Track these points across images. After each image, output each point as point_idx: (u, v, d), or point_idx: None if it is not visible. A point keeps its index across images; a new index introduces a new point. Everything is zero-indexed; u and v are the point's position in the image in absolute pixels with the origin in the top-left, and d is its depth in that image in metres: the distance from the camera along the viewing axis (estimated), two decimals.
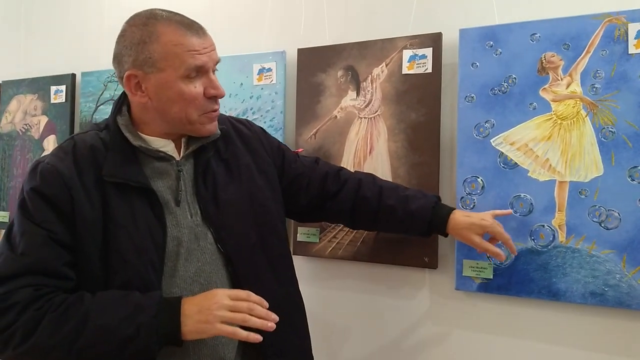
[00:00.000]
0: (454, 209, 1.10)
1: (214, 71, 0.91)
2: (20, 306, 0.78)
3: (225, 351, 0.89)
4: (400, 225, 1.11)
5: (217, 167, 0.96)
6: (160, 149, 0.91)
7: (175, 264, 0.88)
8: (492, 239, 1.09)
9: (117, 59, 0.89)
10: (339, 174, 1.16)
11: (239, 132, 1.05)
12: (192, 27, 0.88)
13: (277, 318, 0.84)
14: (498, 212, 1.13)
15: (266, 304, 0.84)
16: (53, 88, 1.94)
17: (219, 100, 0.94)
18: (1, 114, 2.07)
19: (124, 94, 0.94)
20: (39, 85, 1.98)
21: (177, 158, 0.93)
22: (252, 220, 0.96)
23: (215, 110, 0.92)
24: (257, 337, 0.82)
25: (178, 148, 0.94)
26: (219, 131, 0.97)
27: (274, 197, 1.04)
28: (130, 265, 0.84)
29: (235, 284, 0.92)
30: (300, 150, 1.42)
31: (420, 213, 1.08)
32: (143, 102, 0.88)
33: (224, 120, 1.05)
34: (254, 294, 0.84)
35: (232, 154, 0.99)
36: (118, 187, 0.86)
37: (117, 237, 0.84)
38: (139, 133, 0.91)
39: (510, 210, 1.15)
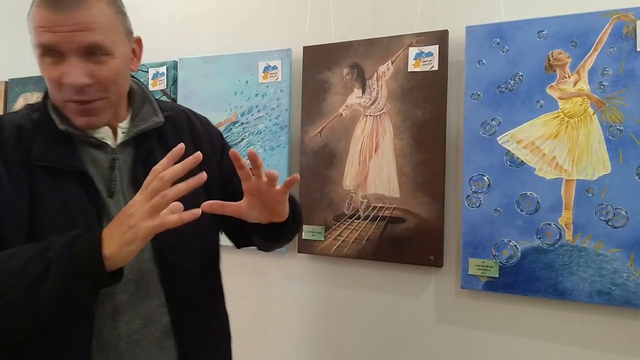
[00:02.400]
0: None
1: (81, 56, 0.75)
2: None
3: None
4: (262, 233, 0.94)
5: (160, 157, 0.79)
6: (92, 135, 0.81)
7: None
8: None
9: None
10: None
11: (192, 126, 0.95)
12: (53, 1, 0.74)
13: (202, 177, 0.71)
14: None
15: (179, 151, 0.71)
16: None
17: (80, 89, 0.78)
18: (8, 111, 2.09)
19: None
20: (45, 83, 1.99)
21: (112, 145, 0.83)
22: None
23: (77, 102, 0.77)
24: (195, 212, 0.70)
25: (114, 133, 0.84)
26: (162, 119, 0.87)
27: (212, 188, 0.91)
28: None
29: (167, 283, 0.82)
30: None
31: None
32: None
33: (180, 110, 0.95)
34: (162, 167, 0.70)
35: (176, 144, 0.86)
36: (48, 171, 0.77)
37: (46, 221, 0.75)
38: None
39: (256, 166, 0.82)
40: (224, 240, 0.99)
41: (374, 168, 1.35)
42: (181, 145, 0.71)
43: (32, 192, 0.75)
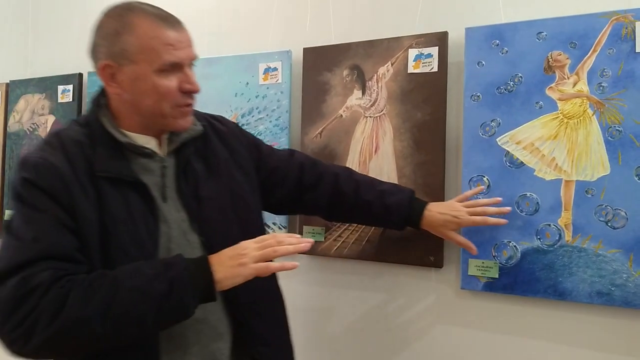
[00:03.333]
0: (428, 203, 1.13)
1: (190, 66, 0.90)
2: (42, 288, 0.73)
3: (218, 344, 0.91)
4: (376, 219, 1.15)
5: (197, 164, 0.96)
6: (145, 145, 0.91)
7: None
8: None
9: (93, 49, 0.89)
10: (315, 166, 1.17)
11: (216, 129, 1.04)
12: (169, 21, 0.86)
13: (309, 242, 0.87)
14: (468, 193, 1.18)
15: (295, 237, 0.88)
16: (60, 87, 1.96)
17: (195, 96, 0.93)
18: (9, 113, 2.09)
19: (102, 89, 0.92)
20: (46, 85, 2.00)
21: (161, 155, 0.93)
22: (233, 215, 0.97)
23: (189, 105, 0.91)
24: (294, 264, 0.86)
25: (160, 145, 0.94)
26: (201, 128, 0.97)
27: (252, 191, 1.05)
28: (132, 258, 0.83)
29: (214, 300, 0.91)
30: (275, 144, 1.41)
31: (397, 208, 1.11)
32: (117, 93, 0.88)
33: (202, 117, 1.03)
34: (283, 239, 0.87)
35: (210, 151, 0.99)
36: (111, 182, 0.85)
37: (116, 230, 0.83)
38: (121, 129, 0.90)
39: (481, 187, 1.18)
40: None
41: (374, 169, 1.35)
42: (307, 246, 0.88)
43: (100, 201, 0.83)
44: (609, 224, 1.09)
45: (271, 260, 0.86)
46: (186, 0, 1.76)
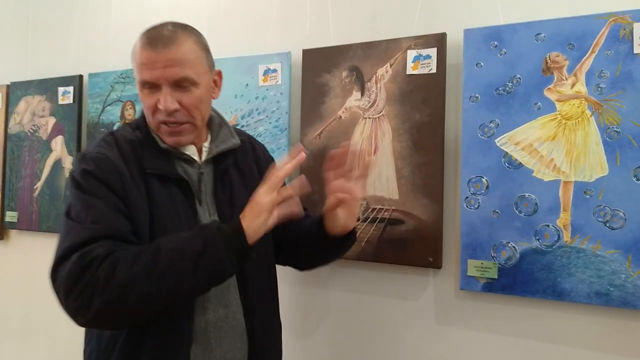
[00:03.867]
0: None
1: (175, 86, 0.92)
2: (99, 259, 0.82)
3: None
4: (314, 244, 1.09)
5: (234, 175, 1.04)
6: (184, 151, 0.99)
7: None
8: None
9: None
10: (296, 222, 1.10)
11: (255, 151, 1.13)
12: (153, 41, 0.91)
13: (301, 150, 0.91)
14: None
15: (301, 156, 0.90)
16: (61, 89, 1.96)
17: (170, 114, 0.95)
18: (10, 115, 2.10)
19: None
20: (46, 87, 2.00)
21: (199, 161, 1.01)
22: None
23: (167, 124, 0.94)
24: (302, 179, 0.91)
25: (199, 153, 1.02)
26: (239, 141, 1.06)
27: None
28: None
29: (242, 277, 0.98)
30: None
31: (313, 218, 1.11)
32: None
33: (246, 136, 1.14)
34: (280, 169, 0.90)
35: (247, 166, 1.08)
36: (158, 178, 0.94)
37: (162, 221, 0.91)
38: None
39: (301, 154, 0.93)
40: None
41: (373, 170, 1.36)
42: (302, 155, 0.90)
43: (148, 194, 0.92)
44: (608, 225, 1.10)
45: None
46: (186, 3, 1.77)
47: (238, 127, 1.64)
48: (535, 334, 1.20)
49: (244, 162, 1.07)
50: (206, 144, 1.03)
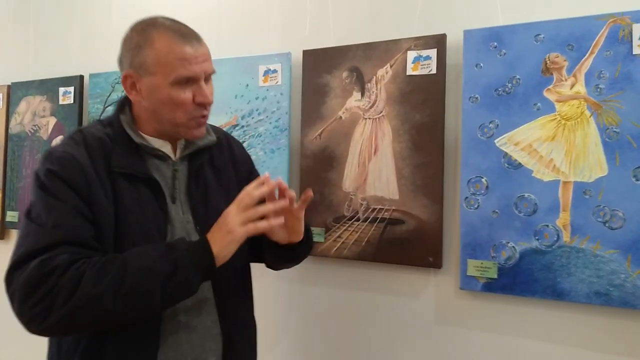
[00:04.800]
0: None
1: (207, 80, 0.94)
2: (61, 269, 0.79)
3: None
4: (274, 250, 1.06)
5: (209, 173, 1.02)
6: (159, 148, 0.96)
7: None
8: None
9: (119, 60, 0.95)
10: None
11: (232, 149, 1.11)
12: (187, 37, 0.91)
13: (288, 191, 0.91)
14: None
15: (270, 182, 0.89)
16: (61, 89, 1.97)
17: (210, 107, 0.97)
18: (11, 115, 2.10)
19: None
20: (47, 87, 2.01)
21: (173, 158, 0.98)
22: None
23: (204, 116, 0.95)
24: (279, 221, 0.90)
25: (174, 150, 0.99)
26: (215, 138, 1.03)
27: None
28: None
29: (216, 282, 0.96)
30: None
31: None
32: (137, 100, 0.94)
33: (222, 133, 1.10)
34: (254, 190, 0.88)
35: (222, 164, 1.06)
36: (126, 178, 0.91)
37: (128, 222, 0.89)
38: (139, 131, 0.97)
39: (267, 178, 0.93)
40: None
41: (373, 170, 1.36)
42: (266, 176, 0.90)
43: (115, 195, 0.89)
44: (607, 225, 1.10)
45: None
46: (186, 3, 1.77)
47: (230, 126, 1.64)
48: (535, 333, 1.20)
49: (219, 159, 1.05)
50: (182, 141, 1.00)
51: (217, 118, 1.60)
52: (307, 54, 1.48)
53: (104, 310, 0.79)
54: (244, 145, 1.73)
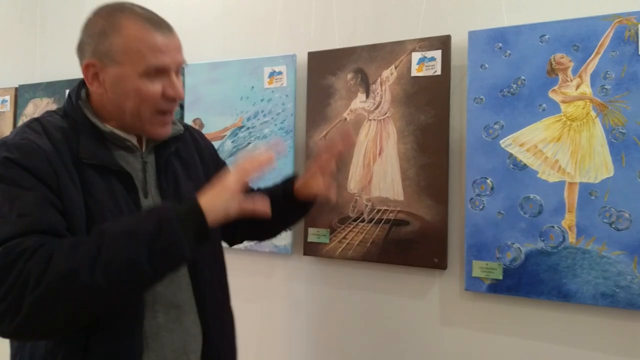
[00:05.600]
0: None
1: (177, 73, 0.87)
2: (29, 251, 0.68)
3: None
4: (278, 212, 0.98)
5: (177, 165, 0.95)
6: (129, 140, 0.89)
7: None
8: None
9: (79, 47, 0.88)
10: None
11: (194, 137, 1.05)
12: (158, 25, 0.84)
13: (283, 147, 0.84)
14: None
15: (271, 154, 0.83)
16: (68, 92, 1.98)
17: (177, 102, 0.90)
18: (18, 117, 2.12)
19: (82, 82, 0.91)
20: (54, 89, 2.02)
21: (142, 150, 0.91)
22: None
23: (169, 112, 0.88)
24: (266, 210, 0.81)
25: (139, 142, 0.92)
26: (182, 128, 0.97)
27: None
28: None
29: (193, 272, 0.90)
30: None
31: (277, 190, 1.07)
32: (99, 92, 0.86)
33: (183, 124, 1.04)
34: (255, 159, 0.81)
35: (188, 155, 1.00)
36: (96, 170, 0.83)
37: (100, 215, 0.80)
38: (101, 122, 0.88)
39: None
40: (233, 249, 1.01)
41: (378, 171, 1.36)
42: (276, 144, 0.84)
43: (84, 187, 0.80)
44: (613, 226, 1.10)
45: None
46: (191, 6, 1.78)
47: (235, 127, 1.63)
48: (541, 335, 1.20)
49: (185, 151, 0.99)
50: None
51: (223, 120, 1.61)
52: (312, 55, 1.49)
53: (83, 286, 0.67)
54: (249, 147, 1.73)
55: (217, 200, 0.77)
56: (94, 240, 0.71)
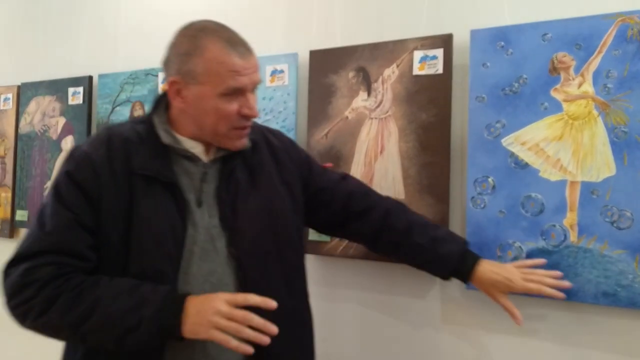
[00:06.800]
0: (480, 258, 1.09)
1: (252, 91, 0.93)
2: (40, 283, 0.84)
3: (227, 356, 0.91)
4: (423, 264, 1.13)
5: (241, 175, 0.99)
6: (189, 149, 0.95)
7: (190, 261, 0.91)
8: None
9: (165, 63, 0.95)
10: (365, 196, 1.16)
11: (269, 141, 1.08)
12: (237, 46, 0.90)
13: (275, 330, 0.83)
14: (528, 262, 1.11)
15: (272, 304, 0.84)
16: (71, 90, 1.99)
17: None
18: (20, 115, 2.13)
19: (165, 93, 0.97)
20: (57, 87, 2.03)
21: (204, 160, 0.96)
22: (268, 229, 0.99)
23: (245, 128, 0.95)
24: (248, 350, 0.83)
25: (207, 152, 0.98)
26: (250, 144, 1.00)
27: (295, 208, 1.06)
28: (148, 255, 0.88)
29: (243, 289, 0.92)
30: (329, 165, 1.40)
31: (448, 259, 1.09)
32: (181, 107, 0.93)
33: (257, 130, 1.07)
34: (255, 297, 0.84)
35: (257, 162, 1.02)
36: (146, 180, 0.90)
37: (140, 227, 0.88)
38: (172, 131, 0.96)
39: (542, 260, 1.11)
40: None
41: (380, 170, 1.36)
42: (272, 304, 0.84)
43: (131, 200, 0.89)
44: (615, 225, 1.09)
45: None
46: (194, 4, 1.78)
47: None
48: (542, 334, 1.19)
49: (254, 159, 1.01)
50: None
51: None
52: (313, 54, 1.49)
53: (64, 338, 0.89)
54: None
55: (198, 322, 0.82)
56: (87, 308, 0.83)
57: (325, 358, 1.48)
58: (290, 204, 1.04)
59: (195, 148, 0.96)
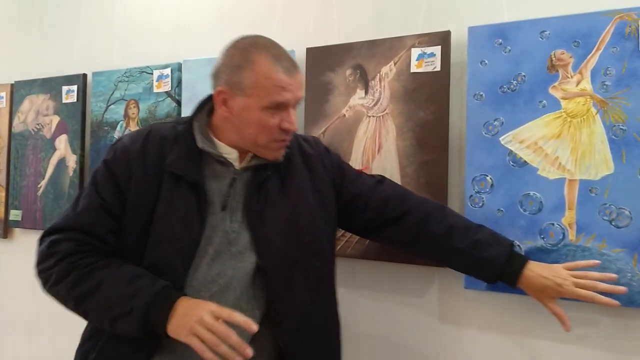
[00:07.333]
0: (528, 260, 1.05)
1: (294, 106, 0.97)
2: (60, 255, 0.93)
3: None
4: (467, 268, 1.12)
5: (272, 185, 1.02)
6: (224, 154, 0.99)
7: (202, 260, 0.96)
8: None
9: (216, 72, 0.98)
10: (402, 200, 1.13)
11: (303, 150, 1.10)
12: (284, 64, 0.94)
13: (250, 353, 0.84)
14: (580, 263, 1.06)
15: (253, 328, 0.84)
16: (65, 88, 1.97)
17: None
18: (14, 114, 2.11)
19: (210, 97, 1.02)
20: (51, 86, 2.01)
21: (237, 167, 1.00)
22: (296, 238, 1.01)
23: (284, 141, 0.98)
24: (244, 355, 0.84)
25: (241, 159, 1.01)
26: (281, 158, 1.03)
27: (326, 217, 1.07)
28: (162, 249, 0.94)
29: (268, 297, 0.97)
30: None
31: (492, 263, 1.05)
32: (225, 116, 0.97)
33: (292, 139, 1.07)
34: (239, 315, 0.85)
35: (290, 172, 1.05)
36: (174, 178, 0.95)
37: (159, 220, 0.94)
38: (211, 136, 1.00)
39: (596, 262, 1.05)
40: None
41: (377, 168, 1.35)
42: (253, 327, 0.85)
43: (157, 195, 0.95)
44: (613, 223, 1.09)
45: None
46: (190, 1, 1.77)
47: None
48: (540, 333, 1.19)
49: (287, 168, 1.04)
50: (251, 152, 1.02)
51: None
52: (310, 51, 1.48)
53: (72, 310, 0.95)
54: None
55: (181, 324, 0.86)
56: (91, 287, 0.91)
57: None
58: (321, 213, 1.06)
59: (231, 154, 0.99)
